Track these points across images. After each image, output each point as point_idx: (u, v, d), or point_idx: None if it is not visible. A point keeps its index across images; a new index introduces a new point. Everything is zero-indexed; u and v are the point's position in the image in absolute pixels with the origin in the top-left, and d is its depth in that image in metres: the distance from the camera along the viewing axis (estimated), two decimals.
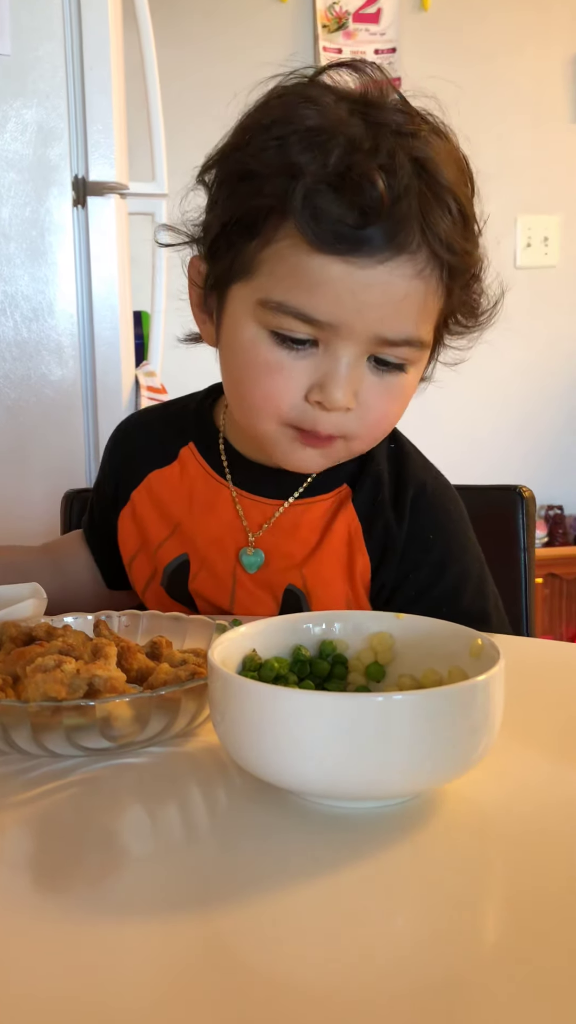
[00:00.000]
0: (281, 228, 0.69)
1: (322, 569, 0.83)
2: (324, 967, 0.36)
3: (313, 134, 0.67)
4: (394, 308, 0.70)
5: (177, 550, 0.87)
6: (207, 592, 0.86)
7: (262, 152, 0.69)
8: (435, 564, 0.83)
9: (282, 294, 0.70)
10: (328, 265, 0.68)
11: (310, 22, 2.83)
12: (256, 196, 0.69)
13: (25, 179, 1.51)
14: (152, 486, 0.90)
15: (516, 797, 0.50)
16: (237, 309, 0.74)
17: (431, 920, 0.40)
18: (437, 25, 2.87)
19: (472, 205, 0.73)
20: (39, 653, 0.57)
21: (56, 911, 0.41)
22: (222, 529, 0.85)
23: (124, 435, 0.96)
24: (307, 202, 0.66)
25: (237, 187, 0.72)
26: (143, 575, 0.90)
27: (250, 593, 0.84)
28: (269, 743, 0.46)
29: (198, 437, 0.89)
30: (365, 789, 0.47)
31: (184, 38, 2.76)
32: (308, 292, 0.69)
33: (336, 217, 0.66)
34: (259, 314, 0.72)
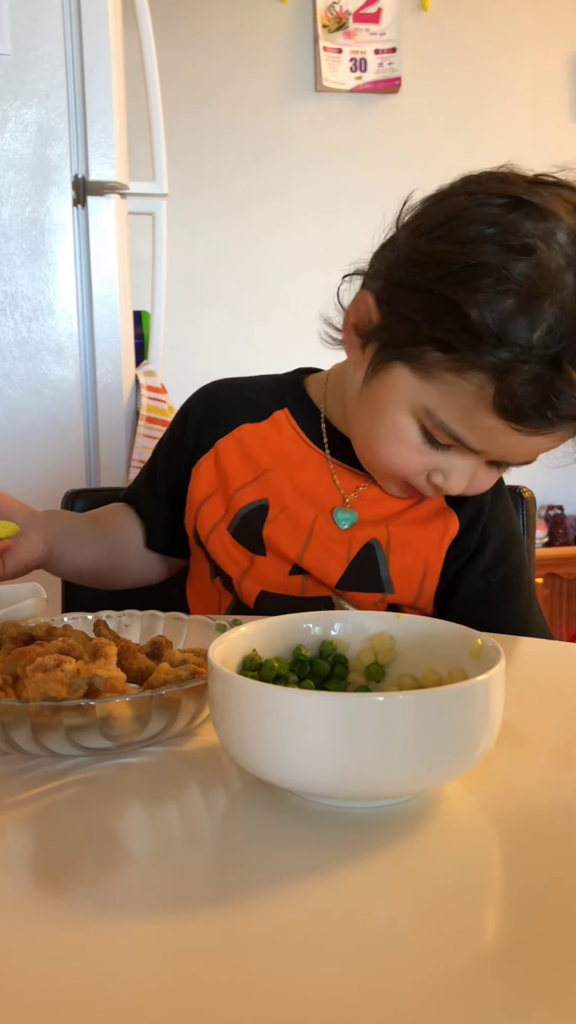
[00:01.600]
0: (473, 373, 0.72)
1: (408, 528, 0.89)
2: (324, 966, 0.36)
3: (529, 292, 0.69)
4: (536, 450, 0.78)
5: (257, 494, 0.91)
6: (280, 538, 0.90)
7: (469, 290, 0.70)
8: (507, 540, 0.92)
9: (450, 420, 0.76)
10: (501, 428, 0.73)
11: (310, 22, 2.83)
12: (457, 333, 0.71)
13: (25, 179, 1.51)
14: (243, 436, 0.94)
15: (516, 797, 0.50)
16: (397, 391, 0.79)
17: (431, 919, 0.40)
18: (437, 25, 2.87)
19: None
20: (39, 653, 0.57)
21: (56, 910, 0.41)
22: (311, 485, 0.91)
23: (212, 392, 1.00)
24: (509, 378, 0.69)
25: (444, 312, 0.72)
26: (212, 517, 0.93)
27: (324, 545, 0.89)
28: (269, 743, 0.46)
29: (294, 405, 0.95)
30: (365, 789, 0.47)
31: (184, 38, 2.76)
32: (473, 431, 0.76)
33: (531, 404, 0.70)
34: (419, 413, 0.78)
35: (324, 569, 0.89)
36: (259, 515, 0.91)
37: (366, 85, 2.83)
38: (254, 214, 2.82)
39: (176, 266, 2.57)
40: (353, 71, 2.83)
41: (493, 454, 0.79)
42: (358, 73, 2.83)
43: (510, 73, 2.93)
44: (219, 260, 2.83)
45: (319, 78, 2.82)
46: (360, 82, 2.83)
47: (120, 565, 1.02)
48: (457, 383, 0.73)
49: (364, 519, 0.89)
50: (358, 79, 2.83)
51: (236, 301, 2.84)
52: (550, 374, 0.69)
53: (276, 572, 0.90)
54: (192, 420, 0.98)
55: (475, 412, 0.74)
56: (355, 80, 2.83)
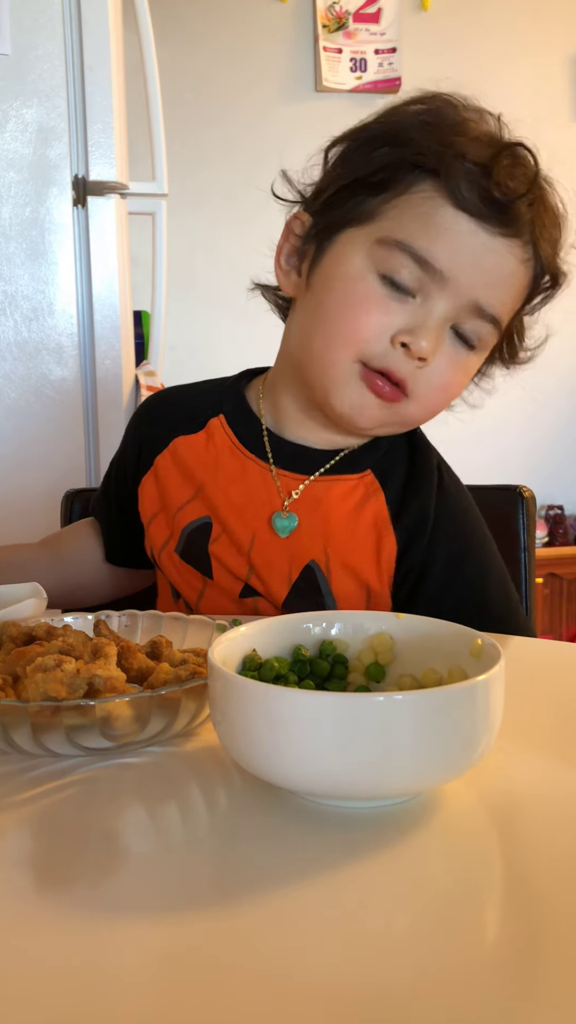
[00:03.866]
0: (420, 183, 0.76)
1: (347, 552, 0.84)
2: (324, 966, 0.36)
3: (461, 124, 0.77)
4: (499, 280, 0.77)
5: (199, 512, 0.89)
6: (225, 556, 0.87)
7: (416, 124, 0.78)
8: (458, 553, 0.86)
9: (406, 235, 0.76)
10: (460, 219, 0.75)
11: (310, 22, 2.83)
12: (403, 153, 0.76)
13: (25, 179, 1.51)
14: (177, 451, 0.92)
15: (516, 797, 0.50)
16: (346, 249, 0.79)
17: (431, 919, 0.40)
18: (437, 25, 2.87)
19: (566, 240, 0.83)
20: (39, 653, 0.57)
21: (56, 910, 0.41)
22: (246, 499, 0.87)
23: (152, 407, 0.99)
24: (461, 166, 0.74)
25: (379, 147, 0.79)
26: (160, 537, 0.91)
27: (266, 563, 0.85)
28: (269, 743, 0.46)
29: (230, 411, 0.92)
30: (365, 789, 0.47)
31: (184, 38, 2.76)
32: (433, 237, 0.75)
33: (482, 185, 0.74)
34: (373, 252, 0.77)
35: (268, 589, 0.85)
36: (203, 533, 0.88)
37: (366, 85, 2.83)
38: (254, 213, 2.82)
39: (176, 266, 2.57)
40: (353, 71, 2.83)
41: (457, 272, 0.75)
42: (358, 73, 2.83)
43: (510, 73, 2.93)
44: (219, 260, 2.83)
45: (319, 78, 2.82)
46: (360, 82, 2.83)
47: (79, 584, 1.00)
48: (407, 201, 0.76)
49: (303, 527, 0.85)
50: (358, 79, 2.83)
51: (236, 301, 2.84)
52: (496, 165, 0.75)
53: (227, 594, 0.87)
54: (133, 437, 0.97)
55: (432, 215, 0.75)
56: (355, 80, 2.83)
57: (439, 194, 0.75)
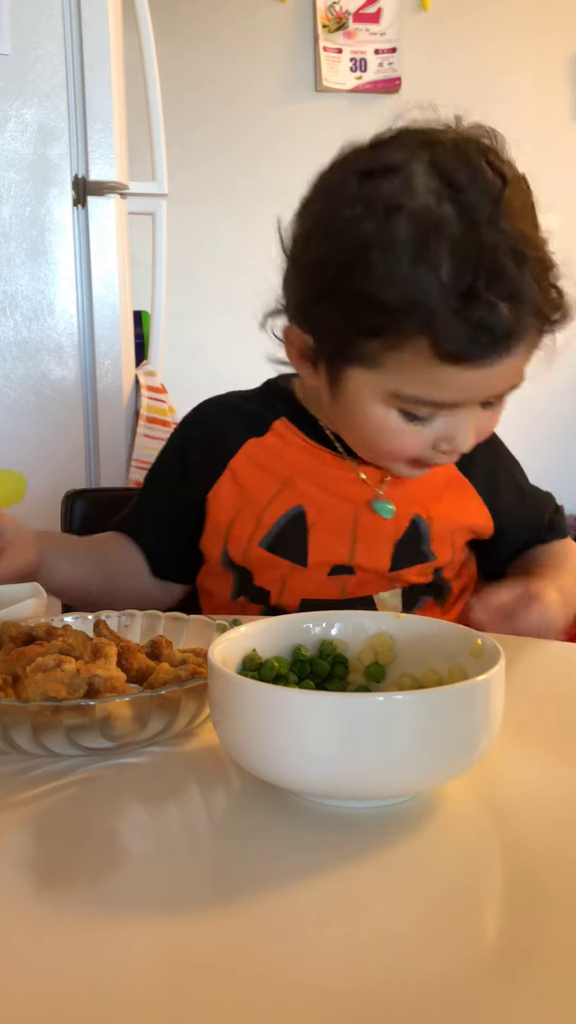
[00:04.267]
0: (408, 341, 0.74)
1: (440, 506, 0.93)
2: (324, 966, 0.36)
3: (417, 243, 0.71)
4: (511, 376, 0.79)
5: (290, 502, 0.92)
6: (326, 539, 0.91)
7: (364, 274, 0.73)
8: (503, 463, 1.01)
9: (415, 390, 0.77)
10: (459, 372, 0.75)
11: (310, 22, 2.83)
12: (378, 315, 0.73)
13: (25, 179, 1.51)
14: (252, 452, 0.94)
15: (516, 796, 0.50)
16: (362, 392, 0.81)
17: (431, 919, 0.40)
18: (437, 25, 2.87)
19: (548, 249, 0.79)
20: (39, 653, 0.57)
21: (56, 910, 0.41)
22: (336, 483, 0.92)
23: (204, 415, 0.99)
24: (437, 327, 0.72)
25: (350, 303, 0.75)
26: (243, 536, 0.92)
27: (372, 535, 0.91)
28: (269, 743, 0.46)
29: (289, 412, 0.95)
30: (365, 789, 0.47)
31: (184, 38, 2.76)
32: (439, 388, 0.77)
33: (466, 338, 0.72)
34: (389, 400, 0.79)
35: (376, 558, 0.90)
36: (298, 523, 0.91)
37: (366, 85, 2.83)
38: (254, 213, 2.82)
39: (176, 266, 2.56)
40: (353, 71, 2.83)
41: (476, 397, 0.79)
42: (358, 73, 2.83)
43: (510, 73, 2.93)
44: (219, 260, 2.83)
45: (319, 78, 2.82)
46: (360, 82, 2.83)
47: (114, 590, 0.99)
48: (402, 356, 0.75)
49: (399, 505, 0.91)
50: (358, 79, 2.83)
51: (236, 301, 2.84)
52: (470, 305, 0.71)
53: (315, 579, 0.91)
54: (194, 447, 0.97)
55: (430, 372, 0.75)
56: (355, 80, 2.83)
57: (429, 350, 0.73)
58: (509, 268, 0.72)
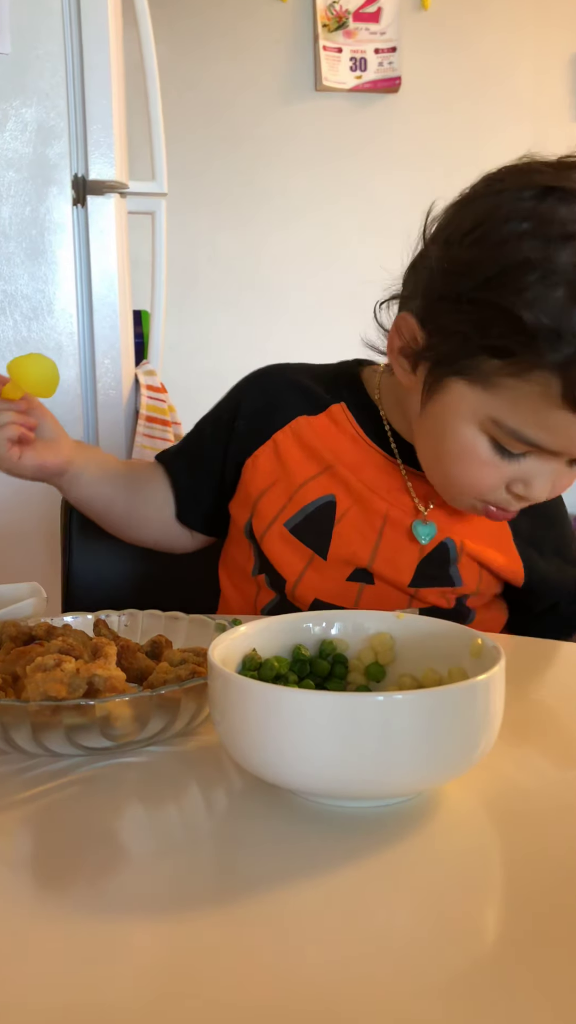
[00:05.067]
0: (536, 372, 0.69)
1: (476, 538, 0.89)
2: (324, 966, 0.36)
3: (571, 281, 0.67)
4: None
5: (324, 489, 0.89)
6: (351, 534, 0.88)
7: (515, 291, 0.68)
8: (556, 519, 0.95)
9: (519, 425, 0.73)
10: (574, 419, 0.70)
11: (310, 21, 2.83)
12: (511, 337, 0.69)
13: (25, 178, 1.51)
14: (300, 429, 0.91)
15: (516, 797, 0.50)
16: (459, 407, 0.76)
17: (431, 919, 0.40)
18: (437, 24, 2.87)
19: None
20: (39, 652, 0.57)
21: (56, 910, 0.41)
22: (377, 484, 0.89)
23: (267, 379, 0.97)
24: (574, 369, 0.67)
25: (488, 315, 0.71)
26: (271, 512, 0.90)
27: (396, 545, 0.88)
28: (269, 743, 0.46)
29: (351, 400, 0.92)
30: (365, 789, 0.47)
31: (184, 37, 2.76)
32: (547, 432, 0.73)
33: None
34: (486, 425, 0.75)
35: (397, 570, 0.87)
36: (327, 512, 0.88)
37: (366, 84, 2.83)
38: (254, 213, 2.82)
39: (176, 266, 2.57)
40: (353, 70, 2.83)
41: (569, 450, 0.75)
42: (358, 72, 2.83)
43: (510, 73, 2.93)
44: (219, 259, 2.83)
45: (319, 77, 2.82)
46: (360, 81, 2.83)
47: (139, 517, 0.99)
48: (520, 387, 0.71)
49: (442, 529, 0.88)
50: (358, 78, 2.83)
51: (236, 300, 2.84)
52: None
53: (333, 578, 0.89)
54: (246, 406, 0.95)
55: (545, 412, 0.71)
56: (355, 79, 2.83)
57: (556, 389, 0.69)
58: None
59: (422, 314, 0.78)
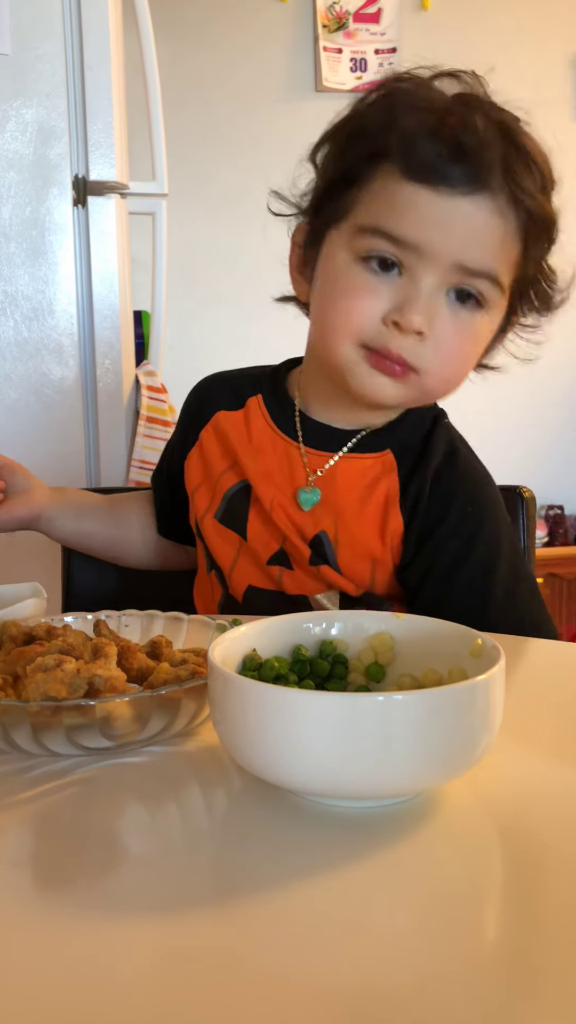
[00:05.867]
0: (379, 168, 0.79)
1: (356, 526, 0.88)
2: (324, 966, 0.36)
3: (413, 97, 0.79)
4: (475, 237, 0.78)
5: (238, 476, 0.94)
6: (260, 516, 0.92)
7: (368, 114, 0.81)
8: (472, 534, 0.87)
9: (374, 219, 0.79)
10: (418, 192, 0.77)
11: (310, 22, 2.83)
12: (360, 146, 0.80)
13: (25, 179, 1.51)
14: (219, 424, 0.97)
15: (516, 797, 0.50)
16: (332, 247, 0.83)
17: (431, 919, 0.40)
18: (437, 25, 2.87)
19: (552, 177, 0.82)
20: (39, 653, 0.57)
21: (56, 910, 0.41)
22: (274, 468, 0.92)
23: (203, 387, 1.04)
24: (405, 139, 0.77)
25: (344, 145, 0.83)
26: (203, 505, 0.96)
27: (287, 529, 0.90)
28: (269, 743, 0.46)
29: (267, 391, 0.97)
30: (365, 789, 0.47)
31: (184, 37, 2.76)
32: (398, 215, 0.78)
33: (429, 151, 0.76)
34: (352, 242, 0.81)
35: (298, 551, 0.89)
36: (243, 496, 0.93)
37: (366, 85, 2.83)
38: (254, 214, 2.82)
39: (176, 266, 2.56)
40: (353, 71, 2.83)
41: (436, 248, 0.77)
42: (358, 73, 2.83)
43: (510, 73, 2.92)
44: (219, 260, 2.83)
45: (319, 78, 2.82)
46: (360, 82, 2.83)
47: (123, 541, 1.07)
48: (370, 189, 0.79)
49: (324, 500, 0.89)
50: (358, 79, 2.83)
51: (236, 301, 2.84)
52: (438, 126, 0.76)
53: (257, 563, 0.92)
54: (184, 415, 1.03)
55: (392, 195, 0.78)
56: (355, 80, 2.83)
57: (396, 173, 0.78)
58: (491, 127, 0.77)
59: (304, 207, 0.88)
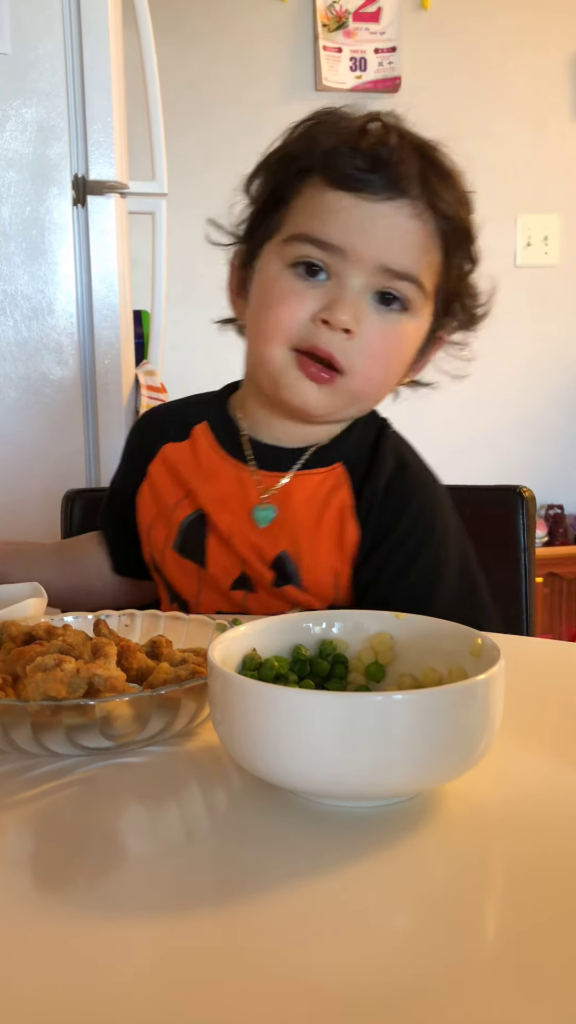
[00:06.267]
0: (305, 183, 0.83)
1: (315, 543, 0.88)
2: (324, 966, 0.36)
3: (335, 124, 0.85)
4: (396, 239, 0.81)
5: (192, 507, 0.93)
6: (218, 544, 0.91)
7: (295, 141, 0.86)
8: (422, 540, 0.87)
9: (301, 227, 0.83)
10: (341, 198, 0.81)
11: (310, 21, 2.82)
12: (288, 167, 0.85)
13: (25, 178, 1.51)
14: (167, 457, 0.97)
15: (516, 797, 0.50)
16: (264, 261, 0.87)
17: (431, 919, 0.40)
18: (437, 24, 2.87)
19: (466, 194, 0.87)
20: (39, 652, 0.57)
21: (56, 910, 0.41)
22: (227, 493, 0.91)
23: (145, 422, 1.05)
24: (327, 154, 0.82)
25: (274, 169, 0.87)
26: (160, 539, 0.95)
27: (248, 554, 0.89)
28: (269, 743, 0.46)
29: (212, 418, 0.97)
30: (365, 789, 0.47)
31: (184, 37, 2.76)
32: (323, 221, 0.82)
33: (349, 163, 0.80)
34: (282, 252, 0.84)
35: (260, 573, 0.88)
36: (199, 525, 0.92)
37: (366, 84, 2.83)
38: None
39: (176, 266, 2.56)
40: (353, 70, 2.83)
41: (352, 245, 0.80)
42: (358, 72, 2.83)
43: (510, 73, 2.92)
44: (219, 260, 2.83)
45: (319, 77, 2.82)
46: (360, 81, 2.83)
47: (86, 588, 1.04)
48: (298, 202, 0.84)
49: (279, 519, 0.88)
50: (358, 78, 2.83)
51: None
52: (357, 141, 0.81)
53: (220, 589, 0.91)
54: (128, 451, 1.04)
55: (317, 203, 0.82)
56: (355, 79, 2.83)
57: (321, 184, 0.82)
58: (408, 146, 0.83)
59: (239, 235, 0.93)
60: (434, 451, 0.95)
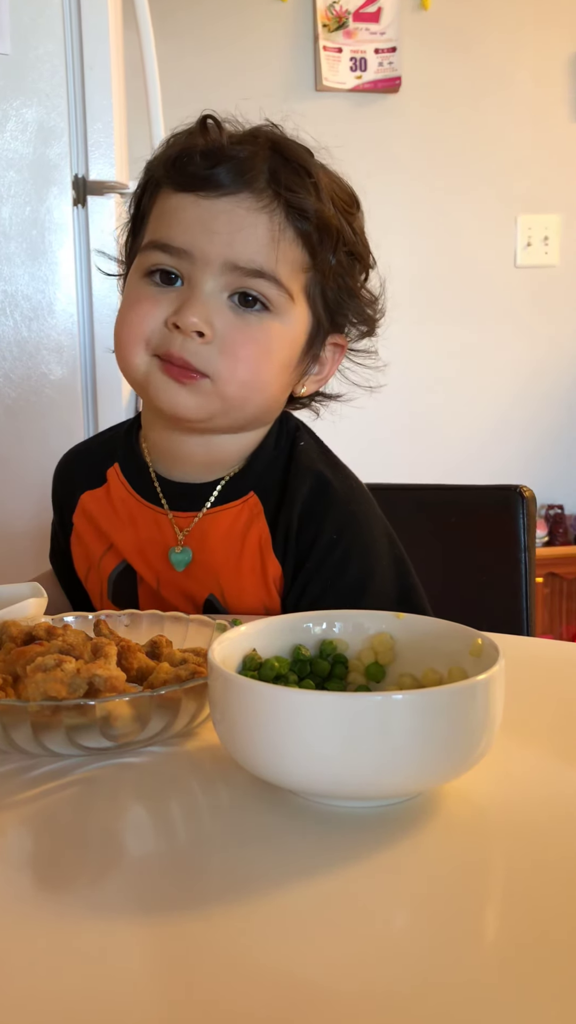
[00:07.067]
0: (157, 195, 0.84)
1: (238, 580, 0.86)
2: (324, 966, 0.36)
3: (183, 131, 0.86)
4: (239, 234, 0.79)
5: (117, 558, 0.91)
6: (148, 596, 0.89)
7: (151, 163, 0.86)
8: (338, 562, 0.84)
9: (151, 235, 0.83)
10: (183, 199, 0.80)
11: (310, 21, 2.82)
12: (144, 184, 0.86)
13: (25, 178, 1.51)
14: (86, 506, 0.94)
15: (516, 797, 0.50)
16: (132, 276, 0.85)
17: (431, 919, 0.40)
18: (437, 24, 2.87)
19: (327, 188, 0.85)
20: (39, 653, 0.57)
21: (56, 910, 0.41)
22: (146, 541, 0.89)
23: (63, 469, 1.00)
24: (169, 161, 0.82)
25: (137, 194, 0.88)
26: (95, 591, 0.93)
27: (176, 601, 0.87)
28: (269, 743, 0.46)
29: (123, 459, 0.94)
30: (365, 789, 0.47)
31: (184, 37, 2.76)
32: (168, 225, 0.81)
33: (189, 163, 0.80)
34: (139, 263, 0.83)
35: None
36: (128, 576, 0.90)
37: (366, 84, 2.83)
38: None
39: None
40: (353, 70, 2.83)
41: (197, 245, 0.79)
42: (358, 72, 2.83)
43: (510, 73, 2.92)
44: None
45: (319, 78, 2.82)
46: (360, 81, 2.83)
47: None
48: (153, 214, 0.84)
49: (197, 561, 0.86)
50: (358, 78, 2.83)
51: None
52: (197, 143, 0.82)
53: None
54: (54, 502, 1.00)
55: (163, 210, 0.82)
56: (355, 79, 2.83)
57: (168, 191, 0.82)
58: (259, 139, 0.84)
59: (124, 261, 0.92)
60: (434, 451, 0.95)
